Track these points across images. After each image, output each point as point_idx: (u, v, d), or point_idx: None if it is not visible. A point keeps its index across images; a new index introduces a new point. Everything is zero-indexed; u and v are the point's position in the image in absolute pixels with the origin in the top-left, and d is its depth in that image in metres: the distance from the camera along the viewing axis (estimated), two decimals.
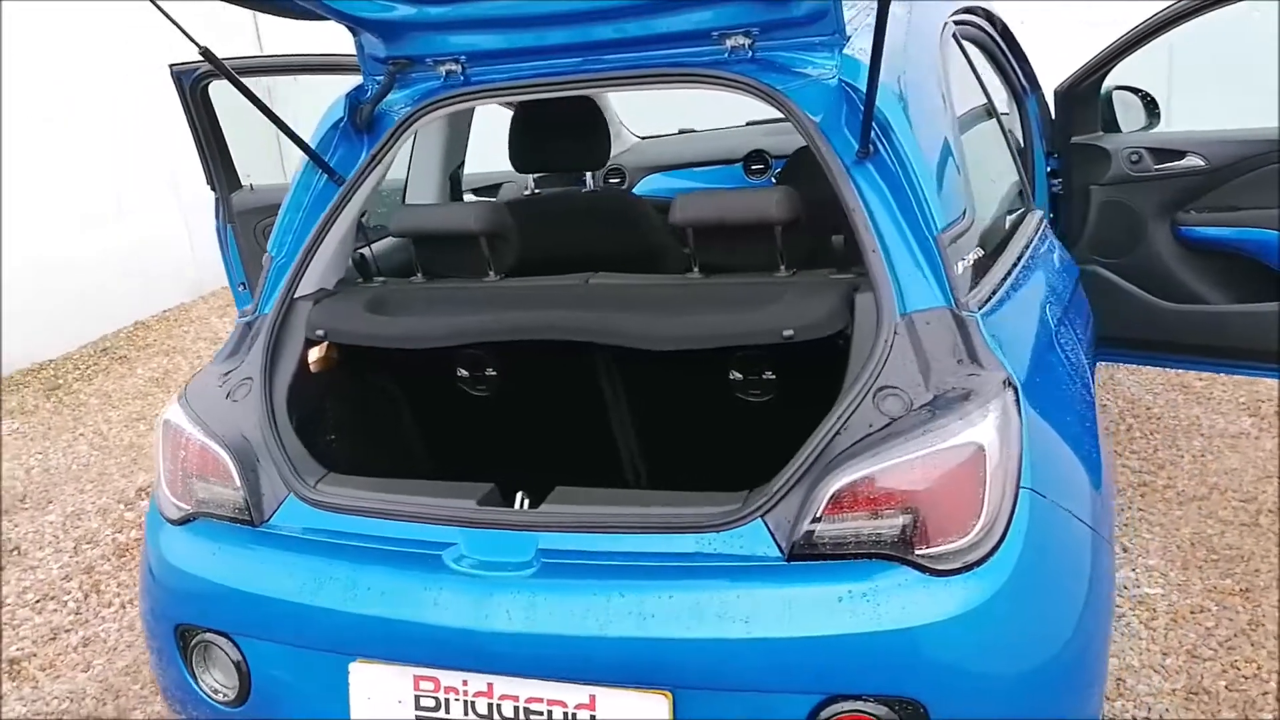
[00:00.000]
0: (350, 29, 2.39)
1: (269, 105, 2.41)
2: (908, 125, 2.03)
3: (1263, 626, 2.94)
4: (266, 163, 4.68)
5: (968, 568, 1.74)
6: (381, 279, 2.51)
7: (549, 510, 1.96)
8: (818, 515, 1.78)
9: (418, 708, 1.98)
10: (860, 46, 2.10)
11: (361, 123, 2.43)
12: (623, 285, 2.30)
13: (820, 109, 2.08)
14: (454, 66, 2.37)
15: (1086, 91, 3.70)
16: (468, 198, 4.28)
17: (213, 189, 4.38)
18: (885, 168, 2.01)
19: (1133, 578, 3.21)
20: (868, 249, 1.95)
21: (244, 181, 4.26)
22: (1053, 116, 3.79)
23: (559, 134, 2.80)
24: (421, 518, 2.00)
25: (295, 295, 2.35)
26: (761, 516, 1.81)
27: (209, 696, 2.18)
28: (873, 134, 2.01)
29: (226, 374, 2.31)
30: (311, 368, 2.34)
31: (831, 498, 1.77)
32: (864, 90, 2.02)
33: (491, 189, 4.34)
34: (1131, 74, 3.71)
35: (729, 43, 2.16)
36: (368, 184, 2.40)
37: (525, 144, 2.82)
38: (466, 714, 1.94)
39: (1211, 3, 3.34)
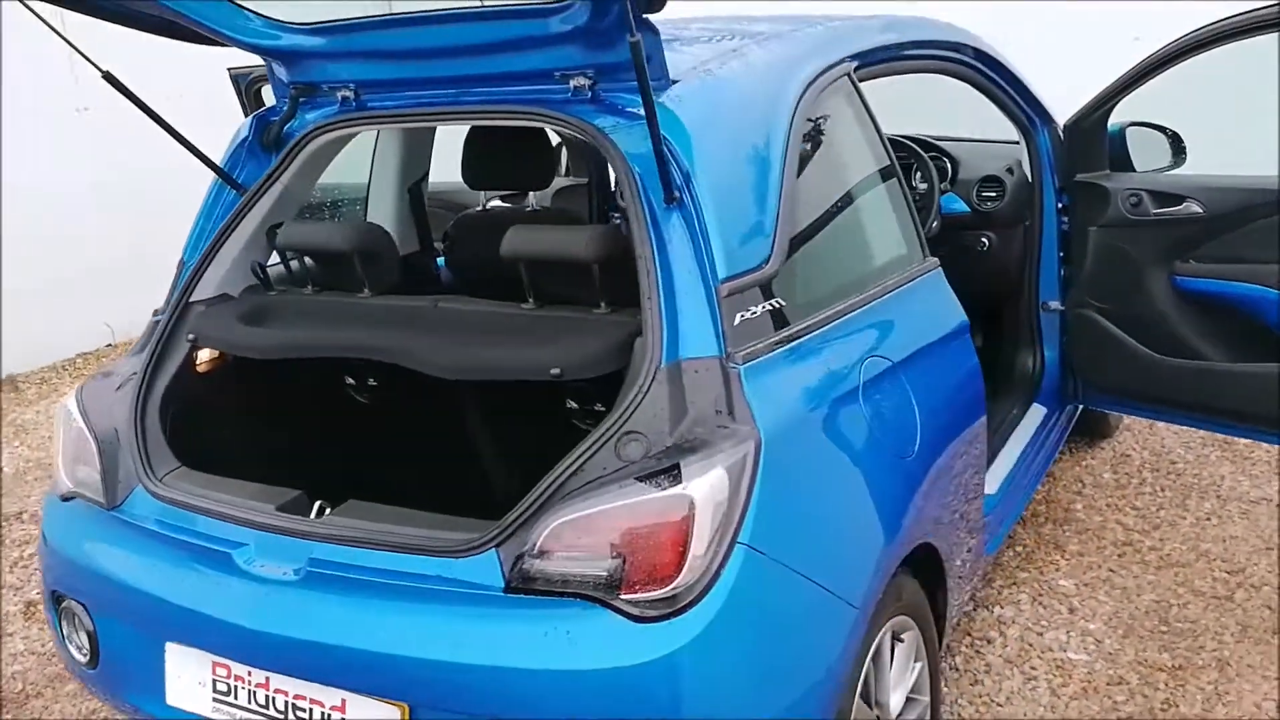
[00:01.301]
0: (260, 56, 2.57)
1: None
2: (707, 173, 2.04)
3: (1175, 708, 2.77)
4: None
5: (664, 617, 1.77)
6: (282, 288, 2.69)
7: (326, 522, 2.09)
8: (534, 551, 1.84)
9: (215, 690, 2.15)
10: (676, 94, 2.12)
11: (269, 141, 2.61)
12: (456, 310, 2.39)
13: (640, 154, 2.12)
14: (348, 93, 2.51)
15: (1092, 127, 3.54)
16: (495, 204, 4.44)
17: None
18: (687, 215, 2.04)
19: (1062, 640, 3.08)
20: (644, 294, 1.98)
21: None
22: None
23: (504, 155, 2.91)
24: (229, 518, 2.16)
25: (191, 299, 2.55)
26: (495, 547, 1.89)
27: (75, 655, 2.42)
28: (678, 181, 2.04)
29: (127, 367, 2.54)
30: (200, 368, 2.54)
31: (548, 535, 1.83)
32: (670, 138, 2.06)
33: (519, 196, 4.49)
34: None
35: (572, 83, 2.22)
36: (268, 198, 2.57)
37: (473, 162, 2.94)
38: (250, 702, 2.11)
39: (1231, 34, 3.14)
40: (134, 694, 2.31)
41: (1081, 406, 3.83)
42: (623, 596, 1.79)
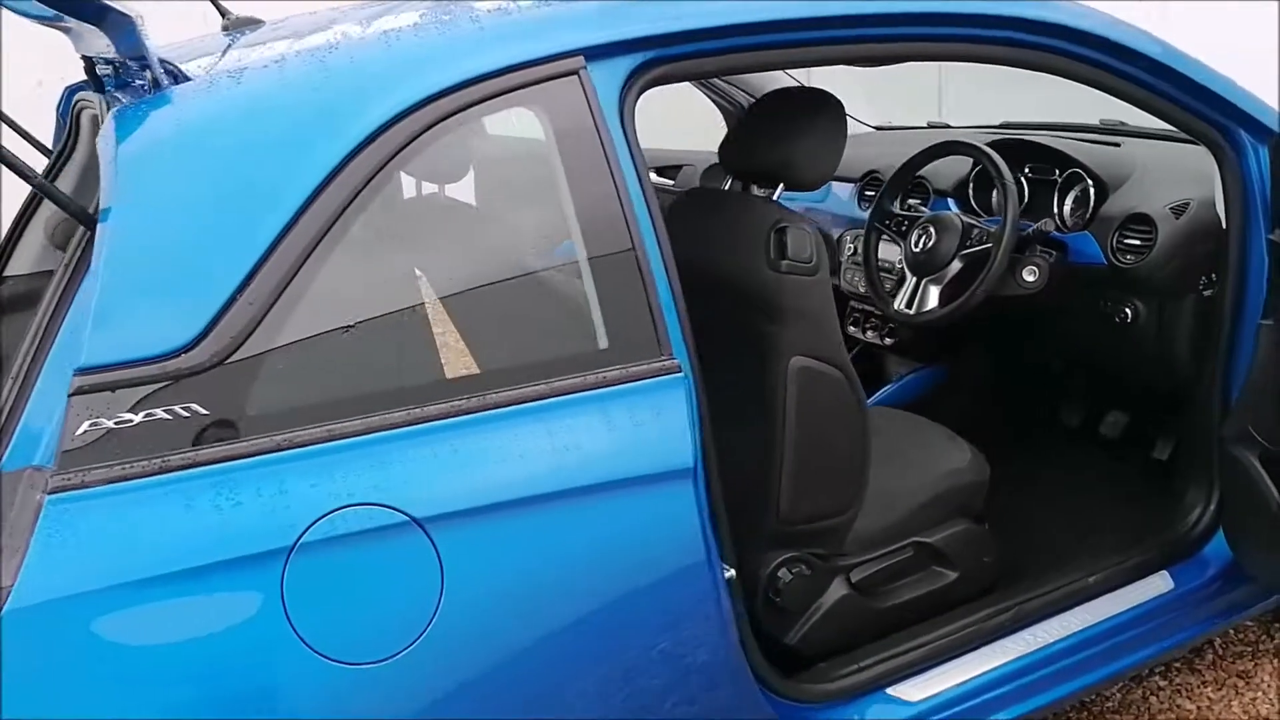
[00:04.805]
0: None
1: None
2: (123, 216, 1.46)
3: None
4: None
5: None
6: None
7: None
8: None
9: None
10: (151, 104, 1.56)
11: None
12: None
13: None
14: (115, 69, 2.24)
15: None
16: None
17: None
18: None
19: None
20: (8, 369, 1.51)
21: None
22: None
23: None
24: None
25: (3, 273, 2.47)
26: None
27: None
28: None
29: None
30: None
31: None
32: (104, 163, 1.55)
33: (672, 170, 3.91)
34: None
35: (149, 73, 1.72)
36: (69, 171, 2.40)
37: None
38: None
39: None
40: None
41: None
42: None
